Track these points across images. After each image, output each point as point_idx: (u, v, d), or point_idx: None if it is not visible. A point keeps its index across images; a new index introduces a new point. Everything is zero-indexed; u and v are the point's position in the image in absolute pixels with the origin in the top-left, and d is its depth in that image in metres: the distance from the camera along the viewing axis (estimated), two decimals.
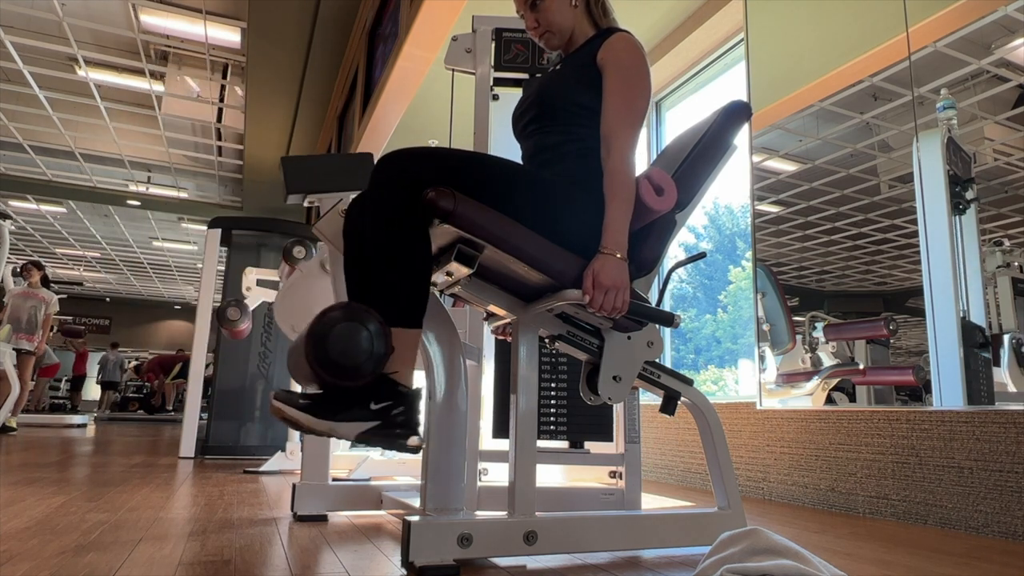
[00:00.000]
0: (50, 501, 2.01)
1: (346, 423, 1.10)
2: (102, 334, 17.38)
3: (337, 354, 1.07)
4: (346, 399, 1.11)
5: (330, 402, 1.11)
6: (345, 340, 1.08)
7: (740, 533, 1.14)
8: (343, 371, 1.08)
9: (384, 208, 1.20)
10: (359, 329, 1.09)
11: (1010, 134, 1.83)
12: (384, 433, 1.12)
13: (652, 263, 1.40)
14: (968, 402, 1.85)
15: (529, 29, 1.51)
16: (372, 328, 1.10)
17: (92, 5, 4.83)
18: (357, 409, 1.11)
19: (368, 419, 1.11)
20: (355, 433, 1.10)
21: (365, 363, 1.09)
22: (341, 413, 1.10)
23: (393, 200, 1.19)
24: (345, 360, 1.08)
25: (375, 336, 1.10)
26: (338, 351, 1.08)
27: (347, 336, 1.08)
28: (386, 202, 1.20)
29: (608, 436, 2.06)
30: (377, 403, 1.12)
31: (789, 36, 2.63)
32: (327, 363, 1.07)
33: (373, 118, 3.43)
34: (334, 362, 1.07)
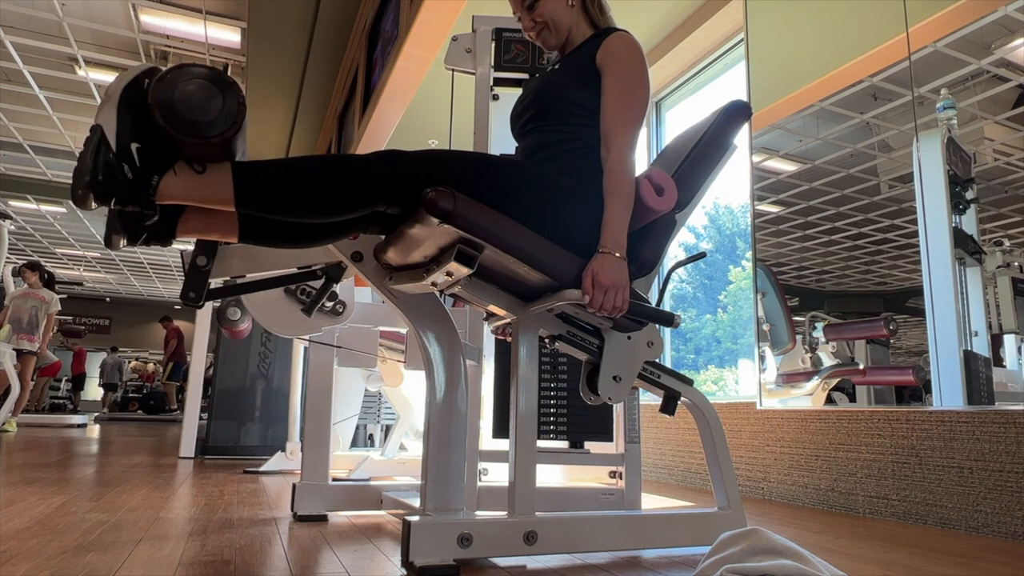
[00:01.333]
0: (50, 501, 2.01)
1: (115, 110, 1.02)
2: (102, 334, 17.38)
3: (182, 95, 1.02)
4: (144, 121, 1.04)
5: (141, 105, 1.04)
6: (195, 95, 1.03)
7: (740, 533, 1.14)
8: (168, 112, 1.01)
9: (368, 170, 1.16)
10: (214, 94, 1.04)
11: (1010, 134, 1.83)
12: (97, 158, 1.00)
13: (652, 263, 1.40)
14: (968, 402, 1.85)
15: (526, 31, 1.51)
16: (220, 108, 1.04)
17: (92, 5, 4.83)
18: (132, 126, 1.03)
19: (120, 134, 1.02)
20: (99, 120, 1.02)
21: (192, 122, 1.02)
22: (127, 110, 1.03)
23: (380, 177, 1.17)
24: (183, 109, 1.02)
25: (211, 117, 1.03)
26: (182, 96, 1.02)
27: (200, 95, 1.03)
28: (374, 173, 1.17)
29: (608, 436, 2.06)
30: (137, 149, 1.04)
31: (789, 36, 2.63)
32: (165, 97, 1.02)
33: (373, 118, 3.42)
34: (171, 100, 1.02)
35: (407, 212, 1.24)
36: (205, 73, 1.05)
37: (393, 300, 1.44)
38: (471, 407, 1.84)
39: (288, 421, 3.75)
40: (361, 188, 1.16)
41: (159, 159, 1.07)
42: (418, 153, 1.23)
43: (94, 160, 0.99)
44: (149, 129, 1.05)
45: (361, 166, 1.17)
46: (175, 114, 1.03)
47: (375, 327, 2.21)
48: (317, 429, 1.97)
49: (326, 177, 1.15)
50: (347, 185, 1.15)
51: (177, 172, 1.07)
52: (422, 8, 2.47)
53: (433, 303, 1.47)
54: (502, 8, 1.81)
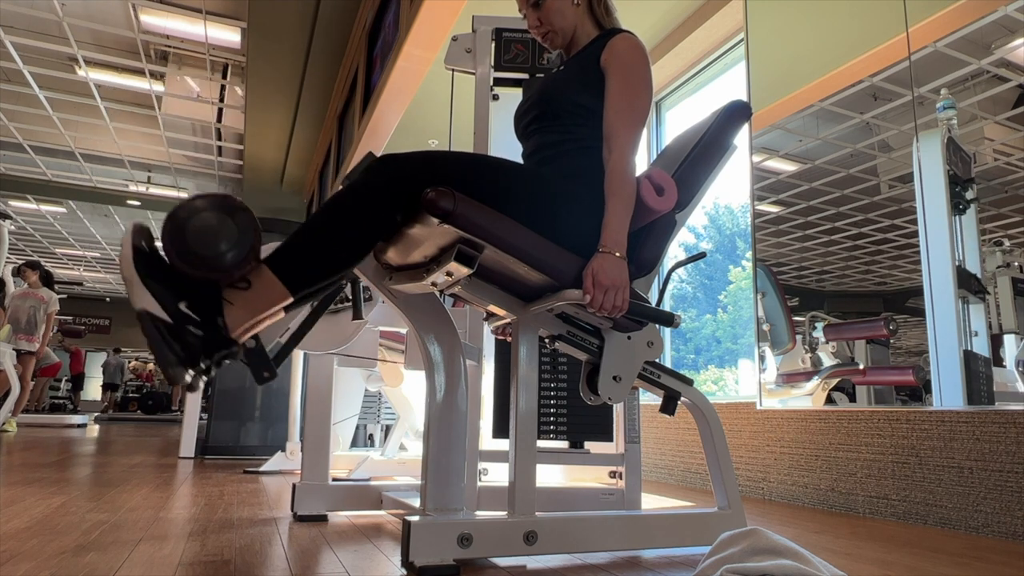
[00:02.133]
0: (50, 501, 2.01)
1: (147, 287, 1.00)
2: (102, 334, 17.38)
3: (194, 233, 1.02)
4: (173, 277, 1.03)
5: (160, 267, 1.03)
6: (207, 229, 1.02)
7: (740, 533, 1.14)
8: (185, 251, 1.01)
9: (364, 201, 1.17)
10: (229, 229, 1.03)
11: (1010, 134, 1.83)
12: (164, 337, 0.99)
13: (652, 263, 1.40)
14: (968, 402, 1.85)
15: (531, 28, 1.51)
16: (241, 240, 1.04)
17: (92, 5, 4.83)
18: (168, 290, 1.02)
19: (165, 306, 1.01)
20: (142, 304, 0.99)
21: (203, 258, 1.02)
22: (153, 278, 1.01)
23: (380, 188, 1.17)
24: (195, 246, 1.01)
25: (234, 245, 1.03)
26: (196, 231, 1.02)
27: (212, 227, 1.03)
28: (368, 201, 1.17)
29: (608, 436, 2.06)
30: (187, 307, 1.03)
31: (789, 36, 2.63)
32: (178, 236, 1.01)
33: (373, 118, 3.42)
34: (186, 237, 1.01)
35: (407, 212, 1.24)
36: (204, 204, 1.04)
37: (393, 300, 1.44)
38: (471, 407, 1.84)
39: (288, 421, 3.75)
40: (374, 210, 1.16)
41: (210, 300, 1.06)
42: (417, 154, 1.23)
43: (163, 342, 0.99)
44: (184, 283, 1.04)
45: (364, 192, 1.17)
46: (199, 257, 1.03)
47: (375, 327, 2.21)
48: (317, 429, 1.97)
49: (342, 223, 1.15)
50: (364, 217, 1.15)
51: (232, 302, 1.07)
52: (422, 8, 2.46)
53: (433, 303, 1.47)
54: (502, 8, 1.81)
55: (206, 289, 1.05)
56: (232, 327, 1.07)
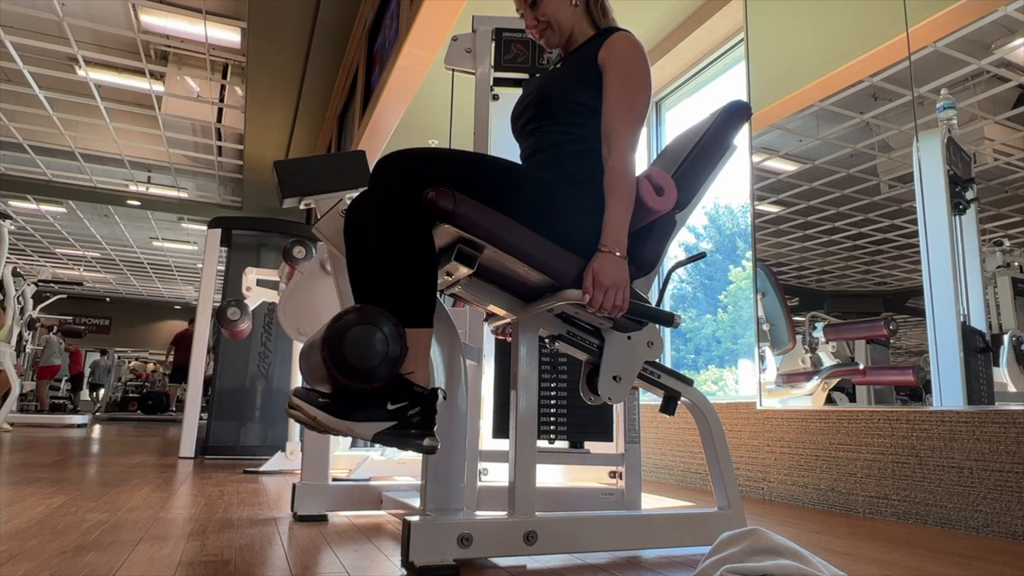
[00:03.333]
0: (50, 501, 2.01)
1: (363, 423, 1.11)
2: (102, 334, 17.38)
3: (353, 357, 1.08)
4: (363, 399, 1.12)
5: (347, 402, 1.12)
6: (360, 343, 1.09)
7: (740, 533, 1.14)
8: (359, 373, 1.09)
9: (385, 209, 1.20)
10: (374, 331, 1.10)
11: (1010, 134, 1.83)
12: (400, 433, 1.13)
13: (652, 263, 1.40)
14: (968, 402, 1.85)
15: (528, 28, 1.51)
16: (387, 330, 1.11)
17: (92, 5, 4.83)
18: (374, 409, 1.12)
19: (385, 419, 1.12)
20: (372, 433, 1.11)
21: (380, 365, 1.10)
22: (358, 413, 1.11)
23: (394, 201, 1.20)
24: (361, 363, 1.09)
25: (390, 338, 1.11)
26: (354, 354, 1.09)
27: (362, 339, 1.09)
28: (387, 203, 1.20)
29: (608, 436, 2.06)
30: (394, 403, 1.14)
31: (789, 36, 2.63)
32: (343, 366, 1.08)
33: (373, 118, 3.42)
34: (350, 365, 1.08)
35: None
36: (352, 320, 1.11)
37: None
38: (471, 407, 1.84)
39: (288, 421, 3.75)
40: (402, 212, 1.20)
41: (399, 383, 1.15)
42: (419, 151, 1.23)
43: (409, 439, 1.13)
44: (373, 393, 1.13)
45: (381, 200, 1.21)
46: (371, 373, 1.10)
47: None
48: None
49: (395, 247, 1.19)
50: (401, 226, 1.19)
51: (411, 369, 1.17)
52: (422, 8, 2.47)
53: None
54: (502, 8, 1.81)
55: (390, 381, 1.14)
56: (425, 383, 1.19)
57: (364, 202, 1.24)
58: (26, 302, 7.57)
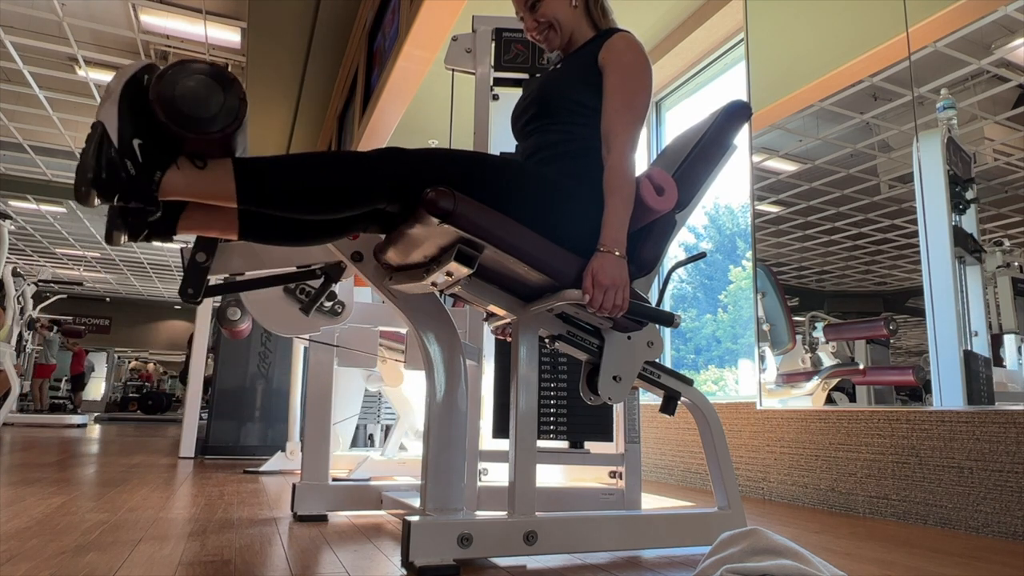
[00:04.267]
0: (50, 501, 2.01)
1: (117, 106, 1.02)
2: (102, 334, 17.38)
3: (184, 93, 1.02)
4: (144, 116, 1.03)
5: (141, 101, 1.04)
6: (196, 90, 1.03)
7: (740, 533, 1.14)
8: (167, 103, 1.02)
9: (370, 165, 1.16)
10: (215, 89, 1.04)
11: (1010, 134, 1.83)
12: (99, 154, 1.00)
13: (652, 263, 1.40)
14: (968, 402, 1.85)
15: (529, 31, 1.51)
16: (222, 104, 1.04)
17: (92, 5, 4.83)
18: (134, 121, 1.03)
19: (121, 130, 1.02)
20: (100, 117, 1.01)
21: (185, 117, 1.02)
22: (128, 105, 1.03)
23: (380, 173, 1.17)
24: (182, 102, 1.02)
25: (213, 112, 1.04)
26: (184, 90, 1.03)
27: (201, 89, 1.04)
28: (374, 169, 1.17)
29: (608, 436, 2.06)
30: (139, 145, 1.04)
31: (789, 36, 2.63)
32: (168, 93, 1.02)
33: (373, 118, 3.42)
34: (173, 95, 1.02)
35: (407, 211, 1.24)
36: (206, 69, 1.05)
37: (393, 300, 1.44)
38: (471, 407, 1.84)
39: (288, 421, 3.75)
40: (362, 183, 1.16)
41: (161, 155, 1.07)
42: (419, 151, 1.23)
43: (96, 157, 0.99)
44: (151, 125, 1.05)
45: (363, 162, 1.18)
46: (177, 110, 1.03)
47: (375, 327, 2.21)
48: (317, 429, 1.97)
49: (328, 172, 1.15)
50: (349, 180, 1.15)
51: (179, 167, 1.08)
52: (422, 8, 2.46)
53: (433, 303, 1.47)
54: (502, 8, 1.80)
55: (166, 144, 1.06)
56: (164, 189, 1.07)
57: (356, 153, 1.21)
58: (26, 302, 7.57)
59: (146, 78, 1.06)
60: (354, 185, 1.15)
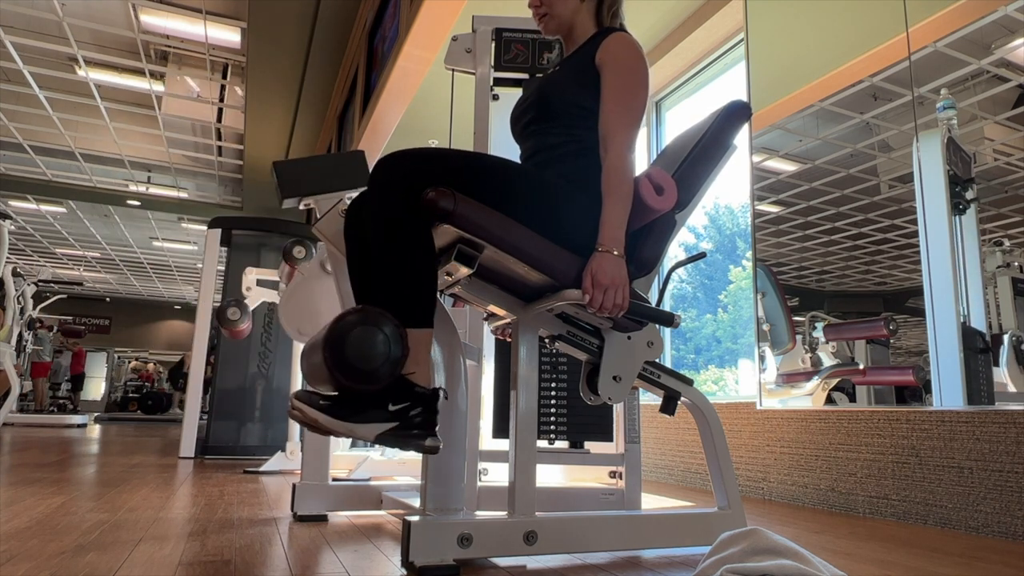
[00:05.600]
0: (50, 501, 2.01)
1: (365, 424, 1.11)
2: (102, 334, 17.38)
3: (355, 358, 1.08)
4: (364, 401, 1.12)
5: (349, 403, 1.12)
6: (362, 344, 1.09)
7: (740, 533, 1.14)
8: (361, 375, 1.09)
9: (385, 209, 1.20)
10: (375, 332, 1.10)
11: (1010, 134, 1.83)
12: (402, 434, 1.13)
13: (652, 263, 1.40)
14: (968, 402, 1.85)
15: (531, 6, 1.53)
16: (388, 331, 1.11)
17: (92, 5, 4.83)
18: (375, 410, 1.12)
19: (386, 420, 1.12)
20: (374, 434, 1.11)
21: (382, 366, 1.10)
22: (360, 414, 1.11)
23: (393, 201, 1.20)
24: (363, 364, 1.09)
25: (391, 339, 1.11)
26: (356, 355, 1.08)
27: (364, 340, 1.09)
28: (386, 204, 1.20)
29: (608, 436, 2.06)
30: (395, 404, 1.14)
31: (789, 36, 2.63)
32: (345, 367, 1.08)
33: (373, 118, 3.42)
34: (352, 366, 1.08)
35: (407, 211, 1.24)
36: (354, 321, 1.11)
37: None
38: (471, 407, 1.84)
39: (288, 421, 3.75)
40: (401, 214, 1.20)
41: (401, 384, 1.15)
42: (419, 151, 1.23)
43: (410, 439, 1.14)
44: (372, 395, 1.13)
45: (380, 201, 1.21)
46: (373, 376, 1.10)
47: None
48: None
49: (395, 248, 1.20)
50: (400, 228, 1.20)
51: (412, 371, 1.17)
52: (422, 8, 2.46)
53: None
54: (502, 8, 1.81)
55: (391, 383, 1.14)
56: (427, 383, 1.19)
57: (364, 202, 1.24)
58: (26, 302, 7.57)
59: (320, 401, 1.12)
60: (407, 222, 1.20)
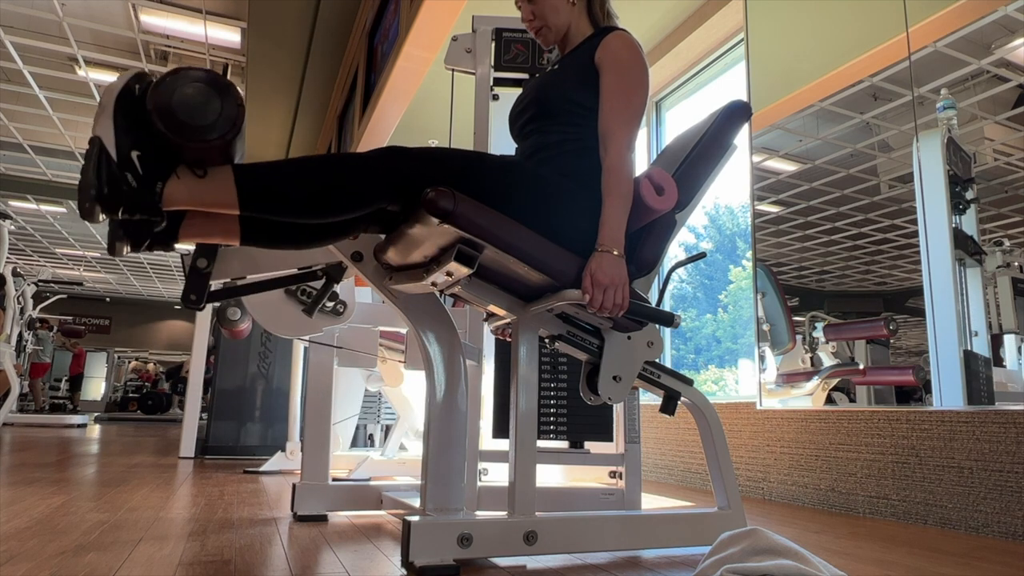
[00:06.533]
0: (50, 501, 2.01)
1: (111, 120, 1.01)
2: (102, 334, 17.37)
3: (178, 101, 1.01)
4: (141, 127, 1.03)
5: (136, 111, 1.03)
6: (193, 98, 1.02)
7: (740, 533, 1.14)
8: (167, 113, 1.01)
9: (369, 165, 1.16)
10: (213, 98, 1.03)
11: (1010, 134, 1.83)
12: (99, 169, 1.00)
13: (652, 263, 1.40)
14: (968, 402, 1.85)
15: (525, 21, 1.52)
16: (220, 112, 1.03)
17: (92, 5, 4.83)
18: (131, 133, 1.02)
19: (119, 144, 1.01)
20: (97, 132, 1.00)
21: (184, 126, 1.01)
22: (124, 118, 1.02)
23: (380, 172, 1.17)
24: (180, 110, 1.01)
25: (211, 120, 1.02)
26: (181, 99, 1.02)
27: (198, 97, 1.03)
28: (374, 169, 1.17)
29: (608, 436, 2.06)
30: (138, 156, 1.03)
31: (789, 36, 2.63)
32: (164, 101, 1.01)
33: (373, 118, 3.42)
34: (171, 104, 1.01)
35: (407, 211, 1.24)
36: (202, 76, 1.05)
37: (393, 300, 1.44)
38: (471, 407, 1.84)
39: (288, 421, 3.75)
40: (363, 185, 1.16)
41: (161, 165, 1.06)
42: (419, 151, 1.23)
43: (96, 173, 0.99)
44: (148, 136, 1.04)
45: (362, 163, 1.17)
46: (174, 119, 1.02)
47: (375, 327, 2.21)
48: (317, 429, 1.97)
49: (328, 175, 1.14)
50: (349, 182, 1.15)
51: (180, 177, 1.07)
52: (422, 8, 2.46)
53: (433, 303, 1.47)
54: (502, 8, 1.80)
55: (165, 154, 1.05)
56: (167, 199, 1.06)
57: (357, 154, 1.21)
58: (26, 302, 7.57)
59: (137, 88, 1.05)
60: (354, 188, 1.15)
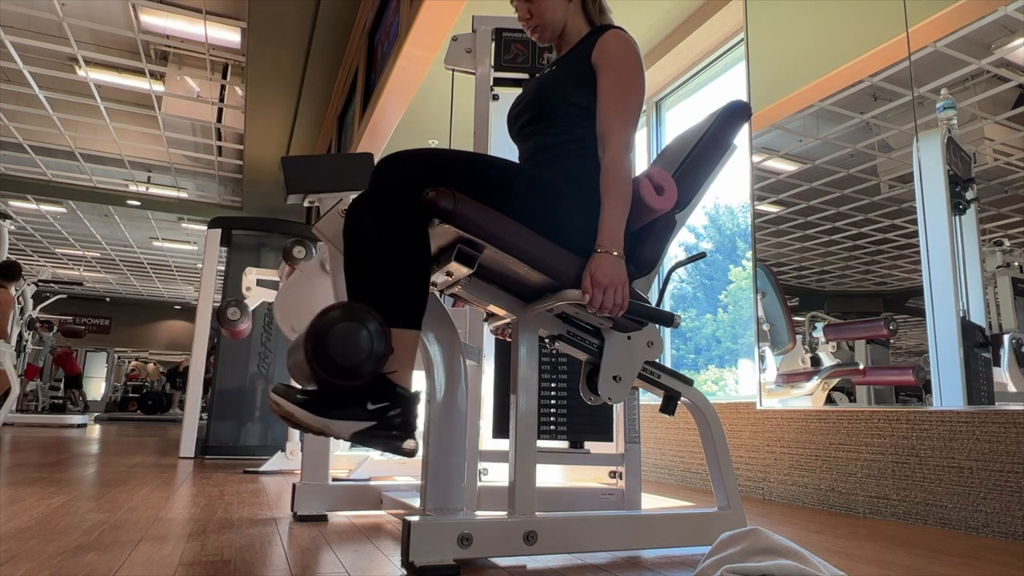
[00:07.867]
0: (50, 501, 2.01)
1: (341, 421, 1.10)
2: (102, 334, 17.38)
3: (336, 353, 1.08)
4: (343, 398, 1.11)
5: (327, 400, 1.11)
6: (345, 339, 1.08)
7: (740, 533, 1.14)
8: (341, 370, 1.08)
9: (384, 209, 1.20)
10: (359, 328, 1.09)
11: (1010, 134, 1.83)
12: (380, 434, 1.12)
13: (652, 263, 1.40)
14: (968, 402, 1.85)
15: (521, 20, 1.52)
16: (372, 328, 1.10)
17: (92, 5, 4.83)
18: (354, 408, 1.11)
19: (364, 419, 1.11)
20: (350, 432, 1.10)
21: (364, 363, 1.09)
22: (337, 411, 1.10)
23: (392, 201, 1.20)
24: (344, 359, 1.08)
25: (375, 336, 1.10)
26: (337, 350, 1.08)
27: (347, 335, 1.08)
28: (386, 203, 1.20)
29: (608, 436, 2.06)
30: (374, 403, 1.13)
31: (789, 36, 2.63)
32: (326, 362, 1.07)
33: (373, 118, 3.42)
34: (333, 361, 1.07)
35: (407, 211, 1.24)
36: (337, 316, 1.10)
37: None
38: (471, 407, 1.84)
39: None
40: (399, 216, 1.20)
41: (382, 383, 1.15)
42: (419, 151, 1.23)
43: (387, 440, 1.13)
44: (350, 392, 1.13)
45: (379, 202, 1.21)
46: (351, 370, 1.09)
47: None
48: None
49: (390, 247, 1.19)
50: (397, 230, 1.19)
51: (395, 370, 1.17)
52: (422, 8, 2.47)
53: (433, 303, 1.47)
54: (502, 8, 1.81)
55: (372, 380, 1.14)
56: (407, 385, 1.19)
57: (363, 201, 1.25)
58: (26, 302, 7.57)
59: (296, 395, 1.12)
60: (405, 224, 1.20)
